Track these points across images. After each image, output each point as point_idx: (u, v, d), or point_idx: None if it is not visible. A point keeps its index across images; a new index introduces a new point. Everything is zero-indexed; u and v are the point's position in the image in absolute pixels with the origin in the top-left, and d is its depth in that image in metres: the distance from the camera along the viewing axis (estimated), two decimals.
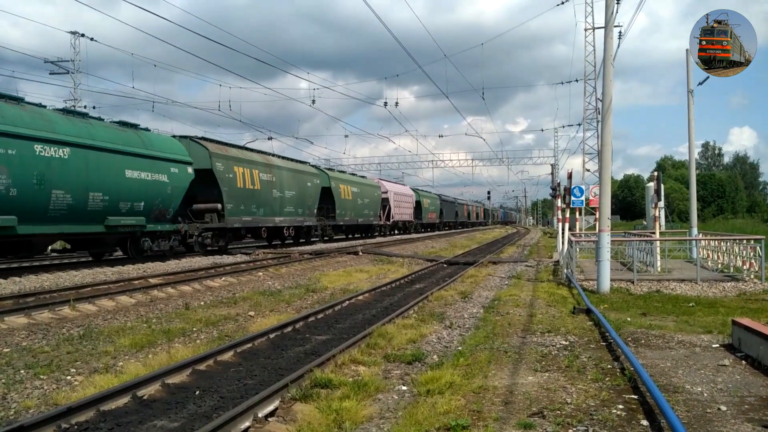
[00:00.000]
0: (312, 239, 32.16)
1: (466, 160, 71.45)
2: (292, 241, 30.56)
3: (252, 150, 27.70)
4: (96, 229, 16.85)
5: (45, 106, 16.18)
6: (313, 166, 34.42)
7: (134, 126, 19.29)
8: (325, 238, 34.35)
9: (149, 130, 20.30)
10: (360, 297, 12.85)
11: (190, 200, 21.76)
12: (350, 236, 39.76)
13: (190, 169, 20.61)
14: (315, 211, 31.45)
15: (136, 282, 14.41)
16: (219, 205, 22.36)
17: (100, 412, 5.34)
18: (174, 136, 22.08)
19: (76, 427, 5.07)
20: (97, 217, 16.66)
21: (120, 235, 18.24)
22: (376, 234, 43.38)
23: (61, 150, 15.18)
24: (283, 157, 30.54)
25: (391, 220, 46.29)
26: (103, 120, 18.44)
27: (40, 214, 14.84)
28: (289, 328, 9.29)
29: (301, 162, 32.52)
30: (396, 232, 48.83)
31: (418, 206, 54.39)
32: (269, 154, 29.15)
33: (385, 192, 45.14)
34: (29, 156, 14.26)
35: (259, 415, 5.20)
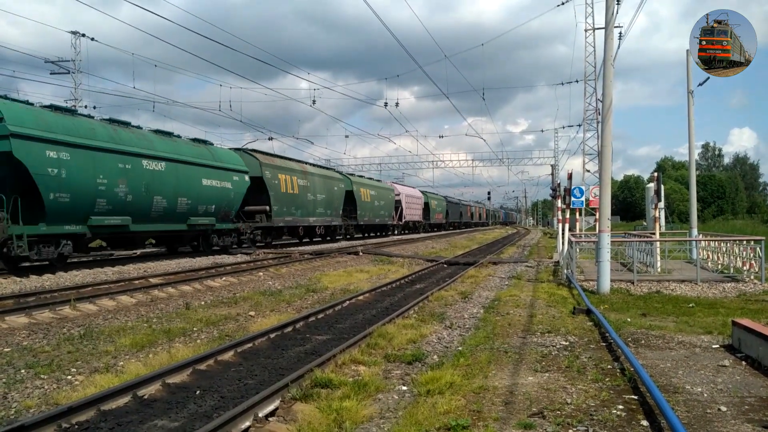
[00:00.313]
0: (337, 237, 35.31)
1: (467, 161, 71.61)
2: (320, 239, 34.02)
3: (290, 159, 31.66)
4: (181, 227, 20.65)
5: (141, 127, 19.82)
6: (338, 172, 38.07)
7: (205, 142, 23.53)
8: (347, 237, 37.50)
9: (213, 144, 24.14)
10: (360, 297, 12.85)
11: (243, 203, 24.80)
12: (368, 235, 43.07)
13: (246, 177, 24.43)
14: (340, 212, 35.02)
15: (136, 282, 14.42)
16: (267, 207, 26.22)
17: (100, 412, 5.35)
18: (231, 149, 26.17)
19: (76, 426, 5.07)
20: (182, 218, 20.51)
21: (196, 232, 22.06)
22: (390, 233, 46.59)
23: (159, 164, 18.95)
24: (314, 165, 34.71)
25: (403, 221, 49.23)
26: (180, 137, 22.04)
27: (145, 215, 18.53)
28: (290, 328, 9.30)
29: (328, 168, 37.12)
30: (406, 231, 51.64)
31: (426, 207, 57.45)
32: (304, 162, 33.19)
33: (398, 195, 48.21)
34: (139, 169, 18.00)
35: (260, 414, 5.21)
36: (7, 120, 14.15)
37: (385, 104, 38.86)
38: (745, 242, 16.15)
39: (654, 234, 18.36)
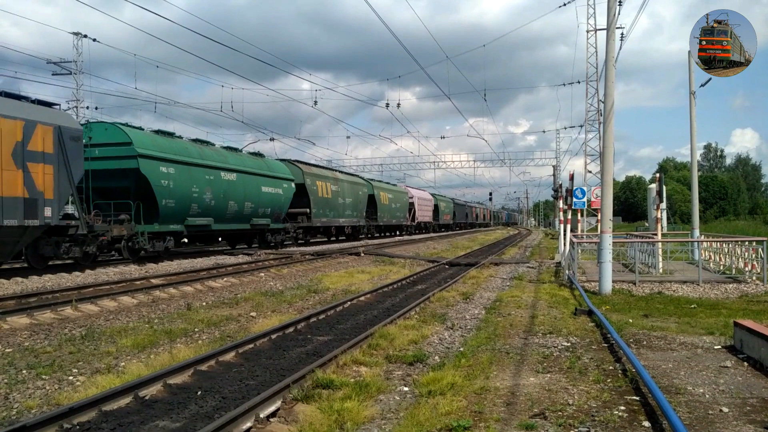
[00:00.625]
0: (360, 236, 39.33)
1: (468, 162, 71.56)
2: (345, 238, 37.93)
3: (324, 167, 37.44)
4: (245, 226, 25.06)
5: (213, 144, 24.31)
6: (361, 178, 42.61)
7: (261, 155, 28.35)
8: (369, 236, 41.29)
9: (265, 156, 28.76)
10: (361, 298, 12.85)
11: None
12: (385, 234, 47.08)
13: (293, 185, 28.91)
14: (364, 213, 39.44)
15: (137, 282, 14.43)
16: (307, 210, 30.64)
17: (102, 413, 5.35)
18: (278, 160, 31.00)
19: (78, 427, 5.08)
20: (246, 219, 24.81)
21: (256, 230, 26.68)
22: (404, 233, 50.88)
23: (232, 175, 23.35)
24: (342, 171, 40.24)
25: (416, 221, 53.15)
26: (240, 150, 26.80)
27: (222, 216, 22.85)
28: (291, 329, 9.30)
29: (353, 175, 42.00)
30: (418, 231, 55.37)
31: (436, 209, 61.46)
32: (335, 170, 39.12)
33: (411, 197, 52.09)
34: (219, 180, 22.35)
35: (261, 415, 5.20)
36: (135, 143, 18.46)
37: (387, 105, 38.88)
38: (747, 243, 16.13)
39: (656, 235, 18.34)
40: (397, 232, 50.31)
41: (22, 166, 14.31)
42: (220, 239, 26.60)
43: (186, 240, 23.48)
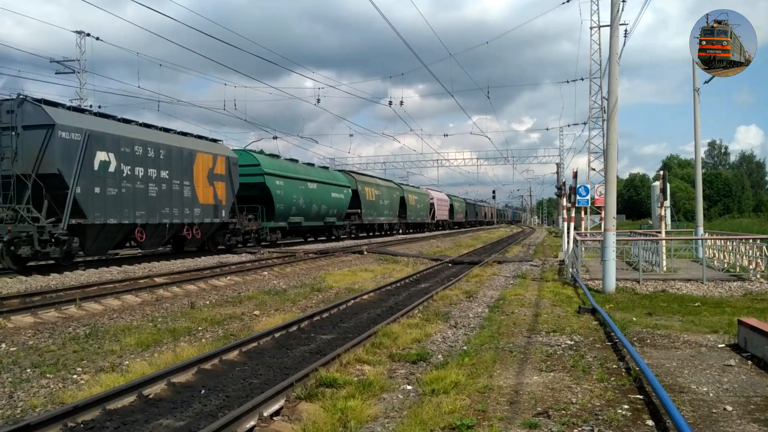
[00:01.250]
0: (393, 232, 47.10)
1: (471, 159, 71.57)
2: (382, 233, 44.90)
3: (367, 175, 44.78)
4: (321, 224, 33.10)
5: (297, 160, 32.61)
6: (394, 183, 49.38)
7: (326, 168, 37.75)
8: (400, 232, 49.27)
9: (328, 168, 38.50)
10: (365, 296, 12.86)
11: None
12: (411, 231, 53.49)
13: (350, 191, 36.60)
14: (396, 213, 46.56)
15: (141, 281, 14.46)
16: (359, 210, 38.10)
17: (106, 411, 5.37)
18: (336, 170, 39.61)
19: (82, 425, 5.09)
20: (322, 218, 32.75)
21: (326, 227, 34.40)
22: (425, 230, 57.48)
23: (314, 185, 31.27)
24: (381, 178, 48.51)
25: (435, 219, 59.73)
26: (314, 165, 35.17)
27: (308, 216, 30.71)
28: (294, 328, 9.31)
29: (388, 180, 49.44)
30: (437, 228, 62.05)
31: (451, 208, 67.49)
32: (377, 177, 47.06)
33: (432, 198, 58.69)
34: (306, 189, 30.27)
35: (265, 414, 5.21)
36: (262, 165, 26.57)
37: (390, 103, 38.87)
38: (751, 241, 16.07)
39: (660, 233, 18.30)
40: (419, 230, 57.03)
41: (211, 184, 22.12)
42: (306, 235, 35.25)
43: (280, 234, 29.98)
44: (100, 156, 16.76)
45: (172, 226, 20.03)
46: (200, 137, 22.66)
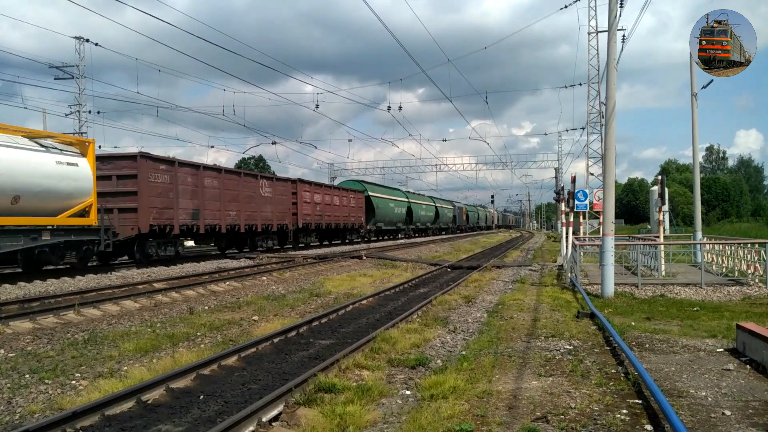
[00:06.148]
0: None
1: (470, 164, 71.84)
2: (390, 237, 52.95)
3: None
4: (393, 228, 48.86)
5: (400, 189, 58.37)
6: (430, 197, 63.26)
7: (399, 189, 57.61)
8: (433, 233, 61.10)
9: (399, 189, 57.19)
10: (364, 301, 12.85)
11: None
12: (416, 235, 59.69)
13: (405, 201, 53.16)
14: (404, 219, 54.95)
15: (140, 287, 14.45)
16: (410, 219, 52.17)
17: (104, 417, 5.36)
18: (397, 189, 58.55)
19: (81, 431, 5.09)
20: (393, 223, 48.94)
21: (395, 230, 49.93)
22: (447, 233, 68.17)
23: (392, 202, 49.13)
24: (392, 188, 57.27)
25: (456, 224, 73.76)
26: (399, 189, 57.03)
27: (384, 221, 46.44)
28: (293, 333, 9.31)
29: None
30: (457, 231, 74.74)
31: (467, 216, 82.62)
32: (430, 197, 64.06)
33: (454, 207, 73.65)
34: (387, 203, 47.58)
35: (263, 419, 5.21)
36: (367, 190, 44.01)
37: (389, 108, 39.05)
38: (749, 245, 16.10)
39: (658, 237, 18.32)
40: (445, 233, 67.37)
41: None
42: (384, 235, 48.62)
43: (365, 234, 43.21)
44: None
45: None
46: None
